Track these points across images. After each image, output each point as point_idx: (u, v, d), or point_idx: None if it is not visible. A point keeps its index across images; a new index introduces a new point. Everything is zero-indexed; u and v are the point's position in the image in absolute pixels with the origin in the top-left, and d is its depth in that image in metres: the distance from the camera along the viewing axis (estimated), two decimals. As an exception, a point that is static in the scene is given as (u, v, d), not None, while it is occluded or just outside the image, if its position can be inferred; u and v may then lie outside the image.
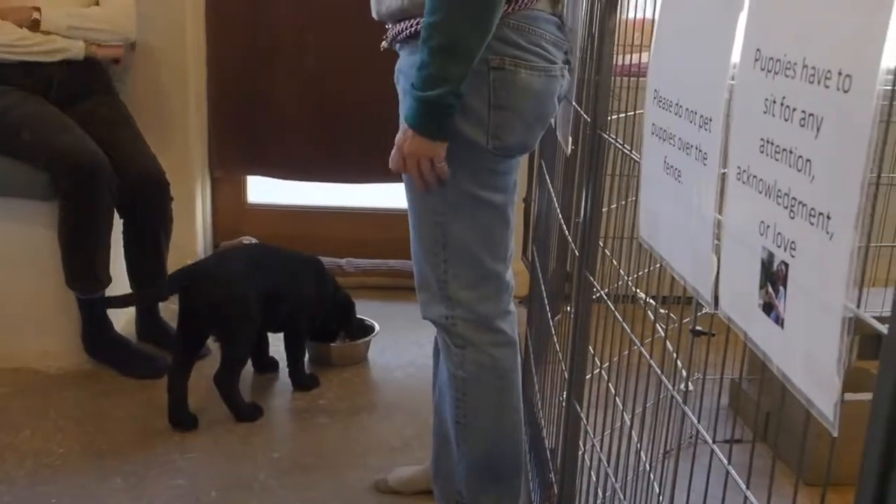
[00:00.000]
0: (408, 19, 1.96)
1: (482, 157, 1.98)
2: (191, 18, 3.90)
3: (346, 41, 3.92)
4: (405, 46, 2.01)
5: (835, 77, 0.78)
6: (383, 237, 4.16)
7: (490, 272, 2.07)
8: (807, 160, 0.83)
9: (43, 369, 3.25)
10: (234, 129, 4.14)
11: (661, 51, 1.29)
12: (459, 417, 2.14)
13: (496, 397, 2.13)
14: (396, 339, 3.53)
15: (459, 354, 2.10)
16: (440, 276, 2.06)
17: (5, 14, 3.21)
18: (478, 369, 2.10)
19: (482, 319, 2.08)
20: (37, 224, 3.20)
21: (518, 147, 2.04)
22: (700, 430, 1.29)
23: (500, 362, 2.11)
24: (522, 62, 1.93)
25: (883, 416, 0.73)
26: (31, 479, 2.60)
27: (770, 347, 0.93)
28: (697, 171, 1.12)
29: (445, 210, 2.01)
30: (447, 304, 2.07)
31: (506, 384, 2.13)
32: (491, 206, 2.03)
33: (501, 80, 1.92)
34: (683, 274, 1.20)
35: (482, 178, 2.00)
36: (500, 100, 1.93)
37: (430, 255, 2.06)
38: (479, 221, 2.03)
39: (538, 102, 2.00)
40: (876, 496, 0.76)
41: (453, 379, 2.12)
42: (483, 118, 1.94)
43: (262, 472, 2.67)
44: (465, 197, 2.00)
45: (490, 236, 2.06)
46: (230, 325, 2.93)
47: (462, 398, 2.12)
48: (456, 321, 2.08)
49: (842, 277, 0.78)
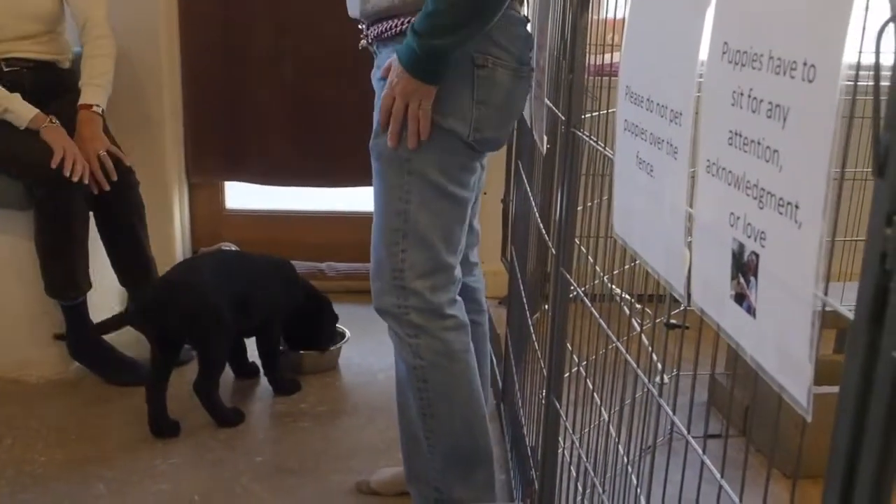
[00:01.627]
0: (394, 18, 2.02)
1: (458, 150, 2.06)
2: (164, 23, 3.88)
3: (322, 44, 3.92)
4: (386, 46, 2.06)
5: (800, 67, 0.79)
6: (362, 240, 4.11)
7: (444, 264, 2.13)
8: (774, 151, 0.84)
9: (23, 378, 3.24)
10: (211, 134, 4.13)
11: (632, 46, 1.30)
12: (425, 408, 2.18)
13: (456, 380, 2.17)
14: (377, 341, 3.52)
15: (413, 344, 2.14)
16: (396, 265, 2.11)
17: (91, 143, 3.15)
18: (433, 355, 2.14)
19: (435, 307, 2.13)
20: (14, 234, 3.19)
21: (494, 141, 2.13)
22: (676, 424, 1.30)
23: (453, 345, 2.16)
24: (501, 61, 2.03)
25: (850, 405, 0.74)
26: (12, 487, 2.59)
27: (743, 338, 0.94)
28: (669, 165, 1.13)
29: (410, 199, 2.07)
30: (400, 293, 2.12)
31: (462, 366, 2.18)
32: (455, 201, 2.11)
33: (484, 78, 2.02)
34: (657, 268, 1.21)
35: (453, 172, 2.08)
36: (482, 96, 2.03)
37: (391, 243, 2.11)
38: (442, 214, 2.10)
39: (513, 100, 2.12)
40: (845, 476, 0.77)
41: (412, 370, 2.16)
42: (467, 112, 2.02)
43: (244, 477, 2.67)
44: (433, 188, 2.07)
45: (449, 230, 2.12)
46: (203, 333, 2.93)
47: (424, 387, 2.16)
48: (409, 310, 2.13)
49: (811, 265, 0.79)
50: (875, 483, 0.74)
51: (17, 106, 3.13)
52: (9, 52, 3.27)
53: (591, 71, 1.84)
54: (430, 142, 2.02)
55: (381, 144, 2.08)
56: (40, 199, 3.07)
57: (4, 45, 3.26)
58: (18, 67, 3.29)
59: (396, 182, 2.07)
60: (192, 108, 4.08)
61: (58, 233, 3.12)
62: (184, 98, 4.06)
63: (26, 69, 3.30)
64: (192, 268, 3.09)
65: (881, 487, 0.74)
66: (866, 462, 0.74)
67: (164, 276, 3.07)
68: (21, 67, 3.29)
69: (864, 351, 0.73)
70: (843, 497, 0.77)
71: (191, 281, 2.95)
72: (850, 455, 0.76)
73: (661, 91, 1.15)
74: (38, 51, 3.32)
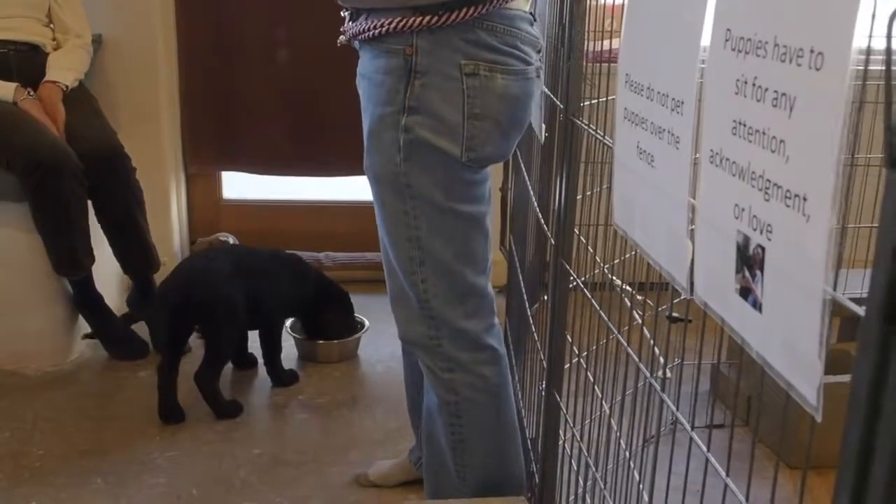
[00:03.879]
0: (379, 17, 1.82)
1: (456, 169, 1.86)
2: (160, 15, 3.86)
3: (316, 35, 3.89)
4: (368, 48, 1.90)
5: (806, 55, 0.77)
6: (360, 230, 4.14)
7: (473, 287, 1.96)
8: (780, 141, 0.82)
9: (21, 371, 3.22)
10: (208, 124, 4.10)
11: (631, 34, 1.27)
12: (456, 443, 2.03)
13: (493, 415, 2.03)
14: (376, 332, 3.51)
15: (449, 379, 1.99)
16: (420, 295, 1.95)
17: (50, 110, 3.26)
18: (469, 391, 1.99)
19: (470, 337, 1.97)
20: (10, 226, 3.17)
21: (494, 157, 1.92)
22: (678, 416, 1.28)
23: (493, 380, 2.00)
24: (498, 66, 1.82)
25: (862, 398, 0.72)
26: (10, 480, 2.58)
27: (748, 332, 0.92)
28: (670, 155, 1.10)
29: (419, 225, 1.90)
30: (430, 323, 1.96)
31: (499, 401, 2.03)
32: (467, 219, 1.92)
33: (476, 88, 1.81)
34: (658, 260, 1.18)
35: (456, 190, 1.88)
36: (474, 108, 1.82)
37: (409, 272, 1.94)
38: (457, 235, 1.92)
39: (516, 108, 1.89)
40: (857, 478, 0.75)
41: (445, 405, 2.01)
42: (457, 129, 1.82)
43: (242, 469, 2.65)
44: (440, 211, 1.88)
45: (469, 249, 1.94)
46: (217, 325, 2.93)
47: (457, 422, 2.01)
48: (442, 341, 1.97)
49: (821, 259, 0.77)
50: (888, 483, 0.73)
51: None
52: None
53: (589, 58, 1.81)
54: (424, 163, 1.84)
55: (376, 165, 1.90)
56: (33, 188, 3.07)
57: None
58: (6, 50, 3.31)
59: (400, 208, 1.89)
60: (188, 100, 4.06)
61: (55, 216, 3.12)
62: (180, 89, 4.03)
63: (13, 51, 3.32)
64: (212, 260, 3.09)
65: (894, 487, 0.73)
66: (879, 461, 0.72)
67: (184, 263, 3.09)
68: (8, 50, 3.31)
69: (875, 347, 0.71)
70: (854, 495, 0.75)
71: (210, 270, 2.96)
72: (862, 454, 0.74)
73: (663, 79, 1.13)
74: (23, 32, 3.34)
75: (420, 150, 1.83)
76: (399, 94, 1.81)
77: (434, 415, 2.06)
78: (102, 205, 3.31)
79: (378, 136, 1.87)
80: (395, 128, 1.83)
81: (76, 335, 3.33)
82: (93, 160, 3.18)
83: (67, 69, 3.37)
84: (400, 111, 1.82)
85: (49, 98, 3.27)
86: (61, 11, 3.44)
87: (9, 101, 3.22)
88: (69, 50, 3.43)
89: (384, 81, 1.84)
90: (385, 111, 1.84)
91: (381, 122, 1.86)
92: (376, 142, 1.88)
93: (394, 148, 1.85)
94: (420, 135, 1.82)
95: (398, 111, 1.82)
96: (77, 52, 3.45)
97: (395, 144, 1.84)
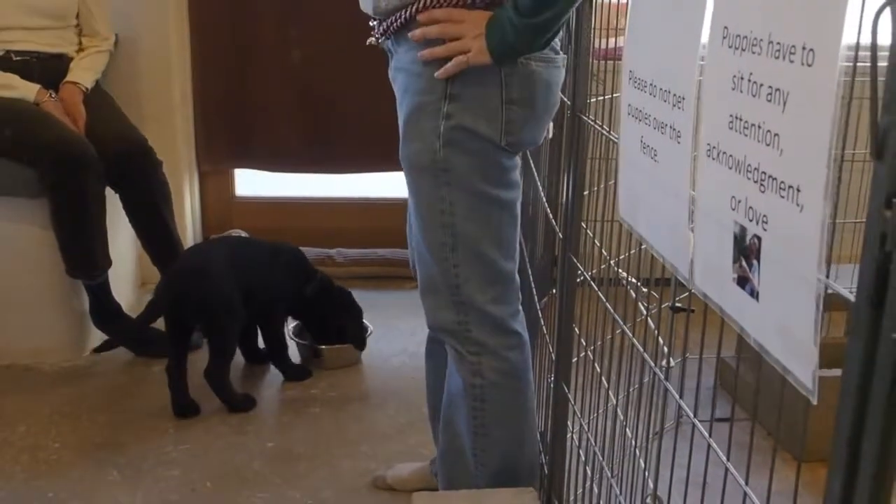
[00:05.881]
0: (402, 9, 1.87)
1: (493, 153, 1.89)
2: (174, 14, 3.89)
3: (330, 33, 3.93)
4: (401, 42, 1.93)
5: (798, 51, 0.80)
6: (372, 227, 4.17)
7: (502, 272, 1.99)
8: (775, 134, 0.85)
9: (35, 366, 3.25)
10: (221, 122, 4.14)
11: (635, 32, 1.30)
12: (477, 427, 2.04)
13: (515, 400, 2.04)
14: (388, 327, 3.54)
15: (475, 362, 2.00)
16: (451, 281, 1.96)
17: (71, 110, 3.30)
18: (495, 375, 2.00)
19: (497, 322, 1.99)
20: (26, 222, 3.20)
21: (530, 142, 1.98)
22: (683, 407, 1.30)
23: (517, 364, 2.02)
24: (535, 54, 1.85)
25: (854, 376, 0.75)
26: (27, 474, 2.61)
27: (746, 321, 0.95)
28: (672, 149, 1.13)
29: (454, 211, 1.91)
30: (459, 308, 1.97)
31: (523, 385, 2.05)
32: (501, 204, 1.94)
33: (512, 74, 1.85)
34: (662, 252, 1.21)
35: (492, 175, 1.91)
36: (512, 94, 1.86)
37: (441, 259, 1.95)
38: (490, 220, 1.94)
39: (549, 94, 1.92)
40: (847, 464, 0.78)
41: (470, 388, 2.02)
42: (496, 114, 1.86)
43: (256, 462, 2.69)
44: (475, 196, 1.91)
45: (501, 235, 1.97)
46: (214, 319, 2.96)
47: (481, 406, 2.03)
48: (470, 326, 1.98)
49: (814, 248, 0.79)
50: (878, 463, 0.75)
51: (19, 83, 3.27)
52: (16, 44, 3.30)
53: (598, 55, 1.83)
54: (464, 149, 1.86)
55: (411, 154, 1.92)
56: (53, 183, 3.09)
57: (10, 34, 3.30)
58: (28, 57, 3.33)
59: (434, 195, 1.91)
60: (201, 98, 4.09)
61: (74, 214, 3.14)
62: (194, 87, 4.07)
63: (35, 59, 3.34)
64: (205, 255, 3.11)
65: (884, 468, 0.75)
66: (869, 443, 0.75)
67: (176, 265, 3.10)
68: (31, 58, 3.33)
69: (865, 332, 0.74)
70: (847, 477, 0.78)
71: (202, 269, 2.98)
72: (853, 436, 0.76)
73: (664, 76, 1.16)
74: (47, 43, 3.37)
75: (460, 136, 1.86)
76: (440, 82, 1.85)
77: (457, 400, 2.07)
78: (131, 200, 3.35)
79: (416, 125, 1.90)
80: (435, 115, 1.86)
81: (91, 330, 3.36)
82: (119, 157, 3.22)
83: (86, 69, 3.41)
84: (441, 98, 1.86)
85: (70, 98, 3.30)
86: (92, 18, 3.48)
87: (31, 101, 3.25)
88: (91, 52, 3.48)
89: (423, 72, 1.87)
90: (425, 100, 1.88)
91: (421, 110, 1.88)
92: (414, 131, 1.91)
93: (433, 135, 1.87)
94: (461, 121, 1.85)
95: (439, 98, 1.86)
96: (99, 55, 3.50)
97: (434, 132, 1.87)
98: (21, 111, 3.21)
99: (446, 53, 1.82)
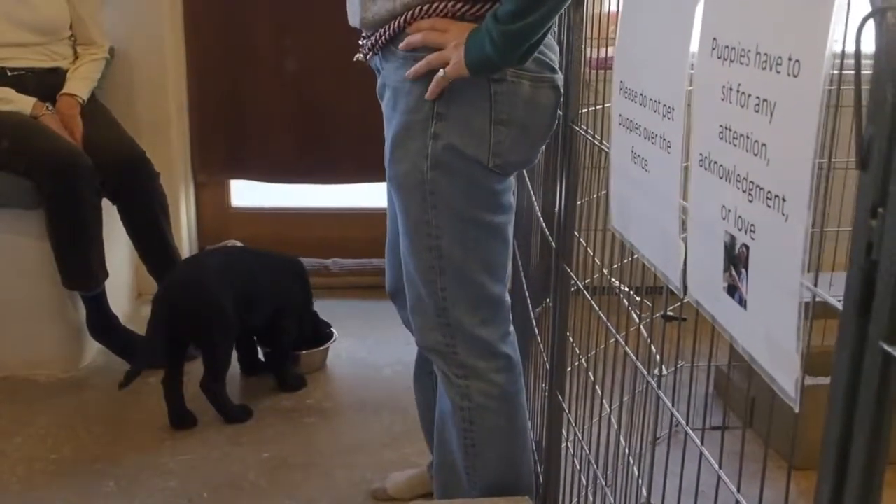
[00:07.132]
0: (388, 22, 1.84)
1: (481, 175, 1.84)
2: (169, 24, 3.89)
3: (325, 44, 3.93)
4: (388, 58, 1.89)
5: (785, 63, 0.80)
6: (368, 237, 4.17)
7: (491, 295, 1.95)
8: (762, 144, 0.86)
9: (32, 377, 3.25)
10: (216, 133, 4.14)
11: (625, 42, 1.31)
12: (468, 447, 2.03)
13: (505, 422, 2.01)
14: (383, 337, 3.54)
15: (463, 385, 1.98)
16: (438, 303, 1.93)
17: (68, 122, 3.30)
18: (483, 398, 1.98)
19: (485, 345, 1.96)
20: (22, 233, 3.20)
21: (520, 163, 1.92)
22: (676, 416, 1.31)
23: (506, 388, 1.99)
24: (526, 73, 1.80)
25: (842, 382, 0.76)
26: (23, 485, 2.61)
27: (735, 329, 0.96)
28: (662, 159, 1.14)
29: (441, 234, 1.87)
30: (446, 331, 1.95)
31: (513, 408, 2.02)
32: (490, 228, 1.90)
33: (502, 93, 1.79)
34: (653, 261, 1.22)
35: (480, 198, 1.87)
36: (501, 115, 1.80)
37: (428, 281, 1.92)
38: (479, 244, 1.89)
39: (544, 116, 1.87)
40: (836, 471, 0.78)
41: (459, 410, 2.00)
42: (483, 135, 1.80)
43: (252, 472, 2.69)
44: (462, 220, 1.87)
45: (489, 259, 1.92)
46: (207, 331, 2.95)
47: (469, 428, 2.01)
48: (457, 349, 1.96)
49: (798, 256, 0.80)
50: (866, 470, 0.76)
51: (15, 96, 3.26)
52: (10, 61, 3.31)
53: (592, 65, 1.84)
54: (451, 170, 1.82)
55: (400, 175, 1.88)
56: (50, 193, 3.10)
57: (3, 52, 3.30)
58: (24, 72, 3.33)
59: (421, 217, 1.87)
60: (197, 108, 4.10)
61: (70, 225, 3.14)
62: (189, 98, 4.07)
63: (31, 73, 3.34)
64: (197, 267, 3.11)
65: (872, 474, 0.76)
66: (857, 449, 0.76)
67: (170, 277, 3.09)
68: (26, 72, 3.34)
69: (852, 340, 0.75)
70: (835, 484, 0.79)
71: (196, 281, 2.98)
72: (841, 443, 0.77)
73: (654, 86, 1.17)
74: (41, 59, 3.37)
75: (448, 156, 1.81)
76: (427, 101, 1.80)
77: (447, 420, 2.06)
78: (128, 211, 3.35)
79: (404, 145, 1.85)
80: (423, 135, 1.82)
81: (88, 342, 3.36)
82: (116, 168, 3.23)
83: (82, 78, 3.40)
84: (428, 118, 1.81)
85: (67, 111, 3.31)
86: (85, 27, 3.47)
87: (27, 115, 3.24)
88: (86, 61, 3.47)
89: (411, 89, 1.82)
90: (412, 119, 1.83)
91: (408, 130, 1.84)
92: (401, 151, 1.86)
93: (420, 156, 1.83)
94: (448, 141, 1.80)
95: (426, 118, 1.81)
96: (94, 64, 3.49)
97: (422, 152, 1.82)
98: (17, 123, 3.20)
99: (426, 67, 1.77)
